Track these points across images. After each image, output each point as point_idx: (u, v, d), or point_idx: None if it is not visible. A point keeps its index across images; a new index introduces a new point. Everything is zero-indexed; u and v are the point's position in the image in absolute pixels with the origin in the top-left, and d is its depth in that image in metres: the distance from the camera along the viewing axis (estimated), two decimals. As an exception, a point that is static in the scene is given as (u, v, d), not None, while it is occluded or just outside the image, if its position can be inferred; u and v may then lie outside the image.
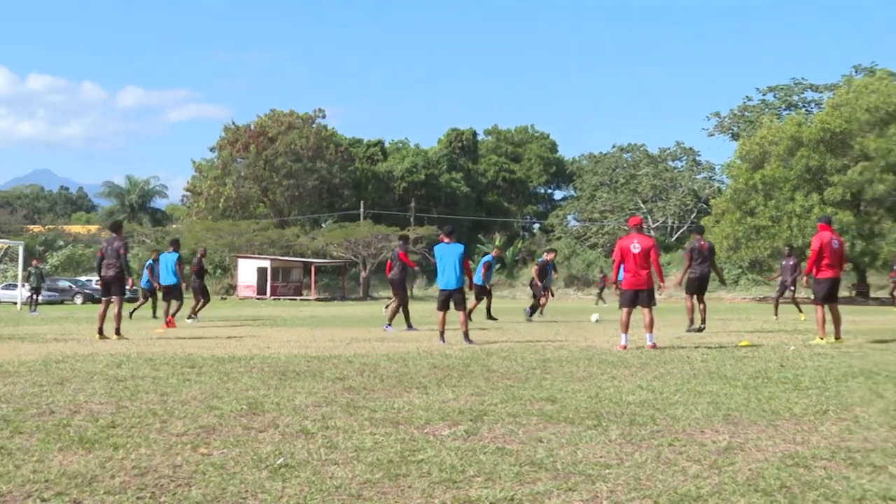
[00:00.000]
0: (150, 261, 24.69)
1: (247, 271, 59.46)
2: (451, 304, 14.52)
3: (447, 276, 14.44)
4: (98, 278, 16.51)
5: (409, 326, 18.50)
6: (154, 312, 25.29)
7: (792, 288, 23.70)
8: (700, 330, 16.89)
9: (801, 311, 23.68)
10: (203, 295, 23.62)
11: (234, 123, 75.56)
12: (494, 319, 22.40)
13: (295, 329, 19.63)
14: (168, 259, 21.31)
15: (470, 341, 13.93)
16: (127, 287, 16.00)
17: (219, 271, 64.76)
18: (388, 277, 19.47)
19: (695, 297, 17.54)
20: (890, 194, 41.22)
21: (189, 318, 22.88)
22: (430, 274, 29.85)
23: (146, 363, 10.58)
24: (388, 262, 19.61)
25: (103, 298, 16.14)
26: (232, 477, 4.73)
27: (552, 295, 25.43)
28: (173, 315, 20.41)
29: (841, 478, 4.69)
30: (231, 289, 61.37)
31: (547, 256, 24.46)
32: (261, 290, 58.08)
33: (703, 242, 17.69)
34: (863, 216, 42.10)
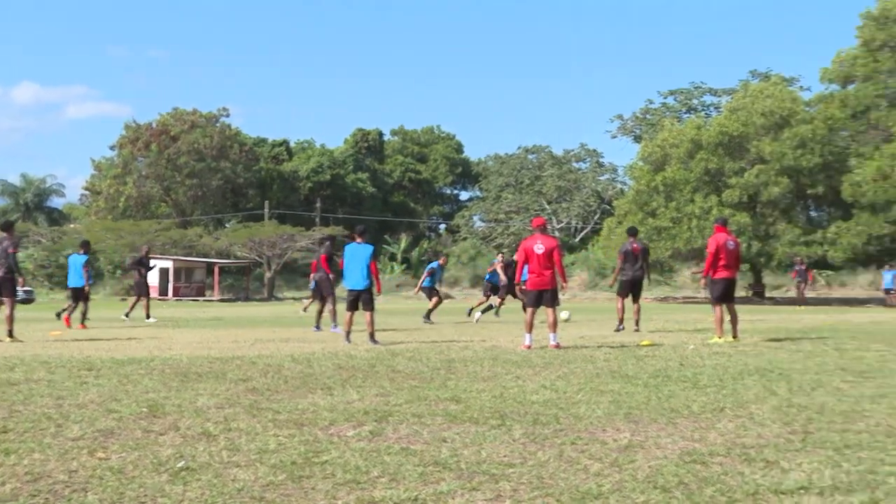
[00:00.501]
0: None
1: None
2: (360, 305, 14.48)
3: (354, 277, 14.38)
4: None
5: (317, 327, 18.40)
6: (59, 314, 24.69)
7: None
8: (636, 331, 16.94)
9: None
10: (144, 293, 23.56)
11: (135, 121, 74.08)
12: (430, 322, 21.67)
13: (197, 330, 19.34)
14: (76, 261, 20.97)
15: (375, 342, 13.91)
16: (18, 287, 15.61)
17: (119, 272, 63.44)
18: (314, 278, 19.14)
19: (630, 297, 17.63)
20: (784, 197, 42.40)
21: (148, 317, 22.92)
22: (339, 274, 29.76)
23: (41, 366, 10.30)
24: (315, 263, 19.25)
25: (-6, 300, 15.66)
26: (130, 481, 4.64)
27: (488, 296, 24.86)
28: (79, 317, 20.25)
29: (736, 473, 4.80)
30: (132, 289, 60.15)
31: (516, 257, 24.47)
32: (163, 290, 56.98)
33: (635, 245, 17.74)
34: (759, 218, 43.14)
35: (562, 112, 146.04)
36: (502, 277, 22.29)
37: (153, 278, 57.46)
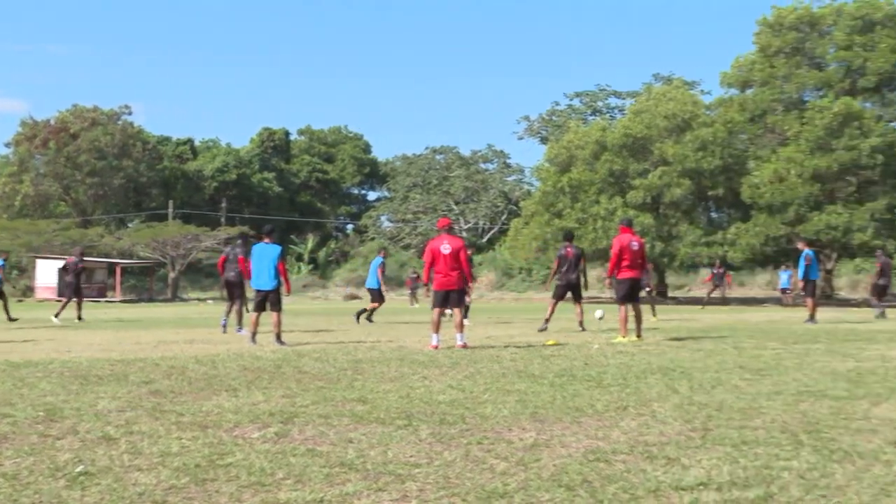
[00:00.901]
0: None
1: (46, 272, 56.73)
2: (267, 305, 14.33)
3: (262, 277, 14.24)
4: None
5: (223, 325, 18.06)
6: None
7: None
8: (582, 330, 17.09)
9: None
10: (76, 295, 23.34)
11: (32, 118, 72.08)
12: (371, 322, 21.57)
13: (98, 332, 18.88)
14: None
15: (282, 343, 13.79)
16: None
17: (15, 272, 61.67)
18: (224, 278, 18.64)
19: (568, 300, 17.82)
20: (686, 198, 43.26)
21: (55, 317, 22.49)
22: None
23: (-67, 370, 9.95)
24: (222, 259, 18.63)
25: None
26: (25, 487, 4.51)
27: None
28: None
29: (639, 471, 4.88)
30: (29, 290, 58.53)
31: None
32: (61, 291, 55.55)
33: (569, 249, 17.78)
34: (662, 219, 43.84)
35: (469, 113, 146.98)
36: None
37: (51, 278, 56.14)
